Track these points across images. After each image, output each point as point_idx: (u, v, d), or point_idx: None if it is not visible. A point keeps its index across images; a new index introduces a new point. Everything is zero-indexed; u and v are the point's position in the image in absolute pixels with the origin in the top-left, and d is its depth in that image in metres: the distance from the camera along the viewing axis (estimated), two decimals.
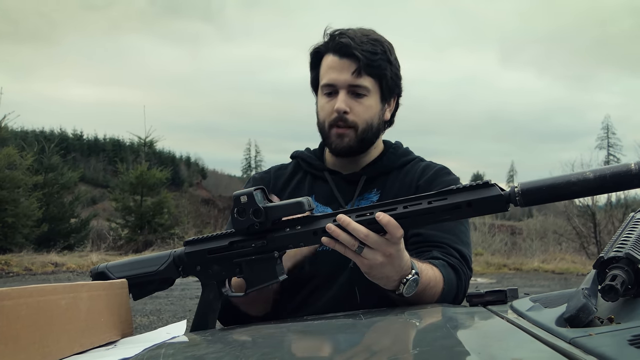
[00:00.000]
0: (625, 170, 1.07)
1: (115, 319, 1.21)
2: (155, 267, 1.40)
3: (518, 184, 1.15)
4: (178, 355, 0.99)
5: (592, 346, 0.73)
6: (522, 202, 1.14)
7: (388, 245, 1.24)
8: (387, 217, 1.21)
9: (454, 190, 1.19)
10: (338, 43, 1.64)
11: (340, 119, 1.64)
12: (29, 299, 0.96)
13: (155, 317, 7.63)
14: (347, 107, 1.63)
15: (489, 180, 1.17)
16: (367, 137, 1.68)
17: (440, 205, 1.19)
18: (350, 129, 1.65)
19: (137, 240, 17.87)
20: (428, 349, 0.87)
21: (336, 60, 1.64)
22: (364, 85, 1.63)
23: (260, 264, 1.31)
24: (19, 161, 16.19)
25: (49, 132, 49.33)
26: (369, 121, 1.66)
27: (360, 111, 1.65)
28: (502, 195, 1.15)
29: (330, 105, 1.65)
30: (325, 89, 1.67)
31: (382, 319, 1.27)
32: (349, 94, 1.64)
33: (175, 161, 55.53)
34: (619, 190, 1.11)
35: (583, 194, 1.12)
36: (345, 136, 1.65)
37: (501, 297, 1.31)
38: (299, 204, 1.26)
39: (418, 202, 1.21)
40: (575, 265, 15.79)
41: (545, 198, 1.13)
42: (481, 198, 1.16)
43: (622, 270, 0.96)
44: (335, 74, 1.64)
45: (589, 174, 1.09)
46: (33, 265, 13.38)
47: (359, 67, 1.62)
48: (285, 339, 1.10)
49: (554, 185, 1.11)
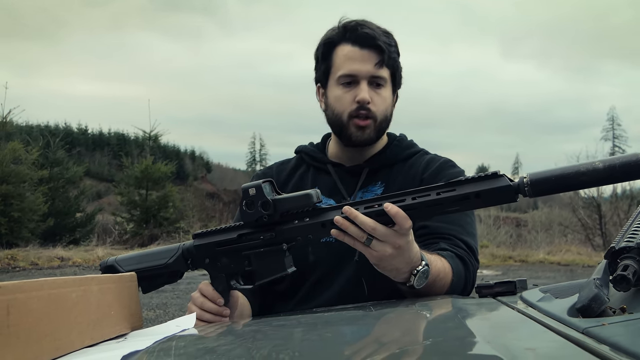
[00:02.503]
0: (635, 160, 1.06)
1: (126, 312, 1.21)
2: (165, 260, 1.41)
3: (527, 175, 1.14)
4: (189, 347, 0.99)
5: (606, 336, 0.73)
6: (531, 192, 1.13)
7: (397, 236, 1.23)
8: (396, 208, 1.20)
9: (463, 182, 1.18)
10: (360, 34, 1.64)
11: (363, 108, 1.63)
12: (40, 292, 0.96)
13: (162, 311, 7.65)
14: (370, 98, 1.63)
15: (497, 170, 1.16)
16: (382, 129, 1.69)
17: (448, 196, 1.18)
18: (370, 119, 1.65)
19: (143, 234, 17.91)
20: (440, 339, 0.87)
21: (357, 51, 1.64)
22: (383, 77, 1.64)
23: (269, 256, 1.31)
24: (24, 156, 16.22)
25: (54, 127, 49.24)
26: (385, 112, 1.67)
27: (380, 102, 1.65)
28: (511, 185, 1.14)
29: (351, 96, 1.64)
30: (343, 79, 1.65)
31: (392, 311, 1.27)
32: (370, 84, 1.64)
33: (180, 155, 55.47)
34: (628, 180, 1.10)
35: (592, 184, 1.11)
36: (367, 128, 1.65)
37: (511, 288, 1.30)
38: (307, 195, 1.26)
39: (427, 193, 1.21)
40: (580, 256, 15.77)
41: (554, 188, 1.13)
42: (490, 189, 1.15)
43: (634, 260, 0.95)
44: (357, 65, 1.63)
45: (598, 164, 1.08)
46: (39, 259, 13.42)
47: (382, 58, 1.62)
48: (295, 331, 1.10)
49: (563, 176, 1.11)
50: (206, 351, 0.95)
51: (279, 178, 1.82)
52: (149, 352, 0.94)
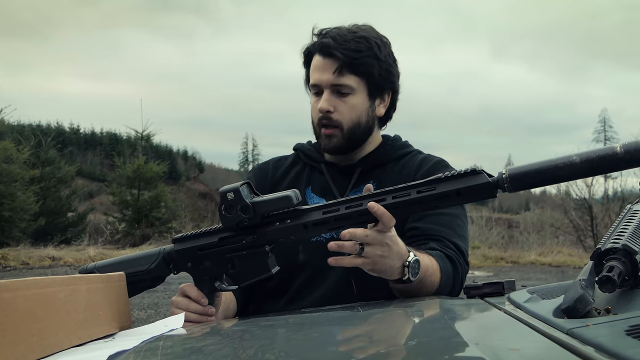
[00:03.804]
0: (611, 153, 1.07)
1: (114, 312, 1.21)
2: (146, 266, 1.39)
3: (505, 170, 1.15)
4: (176, 347, 0.99)
5: (590, 337, 0.74)
6: (510, 187, 1.14)
7: (383, 236, 1.25)
8: (382, 208, 1.20)
9: (442, 179, 1.18)
10: (320, 43, 1.65)
11: (325, 117, 1.65)
12: (27, 291, 0.96)
13: (153, 311, 7.63)
14: (330, 107, 1.63)
15: (476, 167, 1.17)
16: (355, 136, 1.68)
17: (429, 194, 1.19)
18: (335, 128, 1.65)
19: (135, 234, 17.86)
20: (426, 340, 0.87)
21: (320, 60, 1.65)
22: (347, 84, 1.63)
23: (252, 258, 1.31)
24: (15, 155, 16.14)
25: (46, 126, 48.98)
26: (355, 120, 1.66)
27: (345, 110, 1.65)
28: (491, 182, 1.15)
29: (318, 105, 1.66)
30: (312, 89, 1.69)
31: (379, 311, 1.27)
32: (334, 93, 1.64)
33: (172, 155, 55.32)
34: (605, 172, 1.11)
35: (570, 177, 1.12)
36: (333, 136, 1.66)
37: (499, 289, 1.31)
38: (286, 197, 1.25)
39: (407, 192, 1.21)
40: (572, 258, 15.82)
41: (533, 183, 1.14)
42: (470, 186, 1.16)
43: (619, 261, 0.96)
44: (318, 74, 1.65)
45: (575, 158, 1.09)
46: (30, 259, 13.36)
47: (339, 66, 1.62)
48: (282, 331, 1.10)
49: (542, 170, 1.11)
50: (192, 351, 0.95)
51: (274, 174, 1.83)
52: (136, 352, 0.94)
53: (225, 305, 1.53)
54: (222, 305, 1.48)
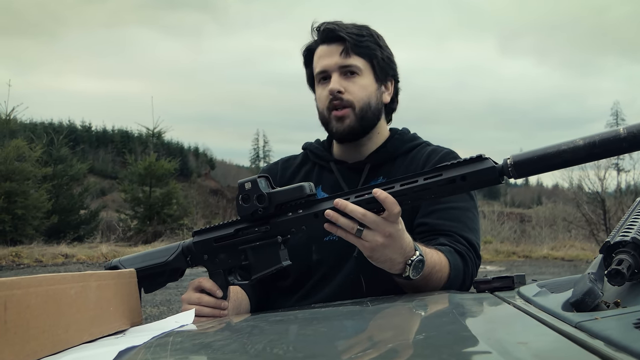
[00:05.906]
0: (614, 135, 1.06)
1: (125, 308, 1.22)
2: (165, 258, 1.42)
3: (510, 156, 1.15)
4: (186, 342, 1.00)
5: (598, 330, 0.73)
6: (515, 173, 1.14)
7: (387, 224, 1.24)
8: (384, 193, 1.21)
9: (449, 166, 1.20)
10: (324, 31, 1.68)
11: (336, 98, 1.65)
12: (38, 288, 0.97)
13: (166, 308, 7.67)
14: (340, 87, 1.65)
15: (482, 154, 1.18)
16: (366, 116, 1.68)
17: (435, 180, 1.20)
18: (347, 108, 1.66)
19: (147, 231, 17.93)
20: (434, 334, 0.87)
21: (325, 48, 1.69)
22: (354, 64, 1.66)
23: (265, 249, 1.33)
24: (28, 153, 16.23)
25: (58, 124, 49.44)
26: (366, 99, 1.67)
27: (355, 90, 1.66)
28: (495, 167, 1.16)
29: (326, 90, 1.67)
30: (319, 76, 1.70)
31: (388, 306, 1.27)
32: (342, 75, 1.66)
33: (184, 152, 55.60)
34: (609, 155, 1.10)
35: (575, 162, 1.11)
36: (346, 117, 1.66)
37: (508, 283, 1.30)
38: (300, 187, 1.28)
39: (414, 179, 1.22)
40: (584, 252, 15.75)
41: (538, 168, 1.13)
42: (475, 171, 1.17)
43: (629, 254, 0.95)
44: (326, 60, 1.68)
45: (579, 141, 1.09)
46: (43, 256, 13.45)
47: (346, 47, 1.65)
48: (291, 326, 1.10)
49: (546, 155, 1.11)
50: (202, 346, 0.95)
51: (284, 174, 1.83)
52: (146, 347, 0.95)
53: (237, 304, 1.54)
54: (233, 303, 1.50)
